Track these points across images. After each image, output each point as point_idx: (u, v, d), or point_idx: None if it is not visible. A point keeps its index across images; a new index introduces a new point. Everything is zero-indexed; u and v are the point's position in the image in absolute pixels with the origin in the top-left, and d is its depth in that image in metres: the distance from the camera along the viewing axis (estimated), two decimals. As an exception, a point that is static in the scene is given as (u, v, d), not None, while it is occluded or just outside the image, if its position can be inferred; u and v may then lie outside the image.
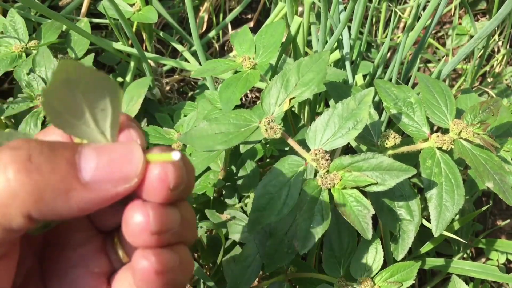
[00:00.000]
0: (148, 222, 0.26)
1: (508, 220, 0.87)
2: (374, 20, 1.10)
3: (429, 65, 1.08)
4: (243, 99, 1.06)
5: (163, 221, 0.27)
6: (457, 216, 0.76)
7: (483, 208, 0.70)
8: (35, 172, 0.24)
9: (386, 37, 1.06)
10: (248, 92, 1.06)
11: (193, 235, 0.30)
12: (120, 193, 0.26)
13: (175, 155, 0.26)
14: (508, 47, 1.07)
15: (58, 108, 0.25)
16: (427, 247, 0.74)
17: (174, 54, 1.08)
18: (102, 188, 0.25)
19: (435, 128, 0.82)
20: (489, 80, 1.06)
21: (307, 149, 0.51)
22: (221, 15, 1.09)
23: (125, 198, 0.27)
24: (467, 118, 0.56)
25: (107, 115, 0.27)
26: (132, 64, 0.87)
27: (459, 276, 0.70)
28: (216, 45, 1.10)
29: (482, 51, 0.93)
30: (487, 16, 1.19)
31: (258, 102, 0.59)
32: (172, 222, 0.28)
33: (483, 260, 0.87)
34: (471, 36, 1.08)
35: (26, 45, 0.77)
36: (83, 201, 0.25)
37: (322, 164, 0.49)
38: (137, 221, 0.26)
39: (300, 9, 0.94)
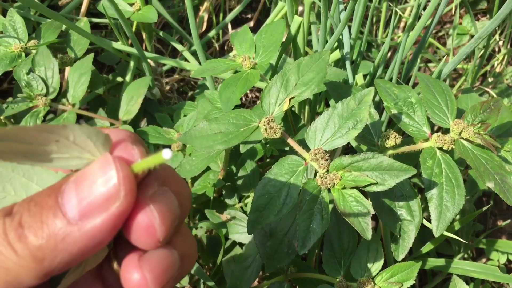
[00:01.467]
0: (146, 284, 0.26)
1: (509, 220, 0.87)
2: (374, 19, 1.10)
3: (429, 64, 1.08)
4: (243, 99, 1.06)
5: (163, 278, 0.26)
6: (458, 216, 0.76)
7: (484, 208, 0.70)
8: (29, 235, 0.24)
9: (386, 36, 1.05)
10: (248, 92, 1.06)
11: (192, 265, 0.29)
12: (117, 214, 0.24)
13: (166, 154, 0.23)
14: (508, 46, 1.07)
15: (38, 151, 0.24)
16: (427, 247, 0.74)
17: (174, 53, 1.08)
18: (96, 218, 0.24)
19: (435, 128, 0.82)
20: (489, 80, 1.05)
21: (307, 149, 0.51)
22: (221, 15, 1.09)
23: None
24: (468, 118, 0.56)
25: (87, 139, 0.25)
26: (131, 63, 0.87)
27: (460, 276, 0.70)
28: (216, 45, 1.10)
29: (483, 50, 0.93)
30: (488, 16, 1.18)
31: (258, 102, 0.58)
32: (172, 271, 0.27)
33: (484, 260, 0.87)
34: (472, 36, 1.08)
35: (25, 44, 0.77)
36: (84, 240, 0.24)
37: (321, 164, 0.49)
38: (135, 283, 0.26)
39: (300, 8, 0.94)
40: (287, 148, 0.73)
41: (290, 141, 0.52)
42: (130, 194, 0.24)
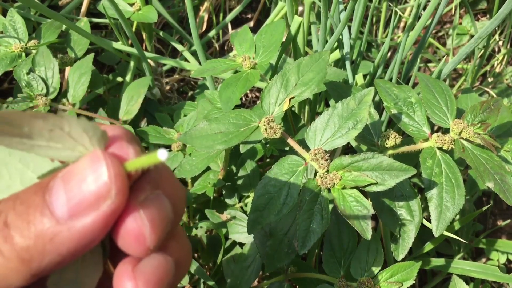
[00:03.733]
0: None
1: (509, 220, 0.87)
2: (374, 19, 1.10)
3: (429, 64, 1.08)
4: (243, 99, 1.06)
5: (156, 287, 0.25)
6: (458, 216, 0.76)
7: (484, 208, 0.70)
8: (15, 236, 0.22)
9: (386, 36, 1.05)
10: (248, 92, 1.06)
11: (187, 270, 0.28)
12: (108, 213, 0.23)
13: (162, 155, 0.22)
14: (508, 46, 1.07)
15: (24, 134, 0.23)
16: (427, 247, 0.74)
17: (174, 53, 1.08)
18: (86, 217, 0.23)
19: (435, 128, 0.82)
20: (489, 80, 1.06)
21: (307, 149, 0.51)
22: (221, 15, 1.09)
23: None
24: (468, 118, 0.56)
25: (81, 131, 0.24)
26: (132, 63, 0.87)
27: (460, 276, 0.70)
28: (216, 45, 1.10)
29: (483, 50, 0.93)
30: (488, 16, 1.18)
31: (258, 102, 0.59)
32: (167, 280, 0.25)
33: (484, 260, 0.87)
34: (472, 36, 1.08)
35: (25, 44, 0.77)
36: (73, 240, 0.23)
37: (321, 164, 0.49)
38: None
39: (300, 8, 0.94)
40: (287, 148, 0.73)
41: (290, 141, 0.52)
42: (122, 192, 0.23)
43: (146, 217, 0.24)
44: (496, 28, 1.06)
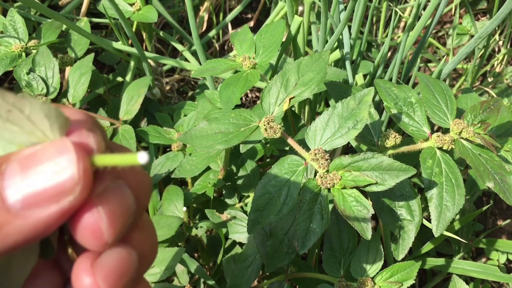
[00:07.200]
0: None
1: (509, 220, 0.87)
2: (374, 19, 1.10)
3: (429, 64, 1.08)
4: (243, 98, 1.06)
5: (119, 284, 0.23)
6: (458, 216, 0.76)
7: (484, 208, 0.70)
8: None
9: (386, 36, 1.06)
10: (248, 91, 1.06)
11: (152, 262, 0.26)
12: (67, 208, 0.21)
13: (142, 158, 0.20)
14: (508, 46, 1.07)
15: None
16: (427, 247, 0.74)
17: (174, 53, 1.08)
18: (42, 210, 0.21)
19: (435, 128, 0.82)
20: (489, 79, 1.06)
21: (307, 148, 0.51)
22: (221, 15, 1.09)
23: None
24: (468, 118, 0.56)
25: (40, 113, 0.22)
26: (132, 63, 0.87)
27: (460, 276, 0.70)
28: (216, 45, 1.10)
29: (483, 50, 0.93)
30: (488, 16, 1.18)
31: (258, 102, 0.59)
32: (129, 274, 0.23)
33: (484, 260, 0.87)
34: (472, 36, 1.08)
35: (26, 44, 0.77)
36: (23, 232, 0.21)
37: (321, 164, 0.49)
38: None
39: (300, 8, 0.94)
40: (287, 148, 0.73)
41: (290, 141, 0.52)
42: (87, 189, 0.21)
43: (104, 210, 0.22)
44: (496, 28, 1.06)
